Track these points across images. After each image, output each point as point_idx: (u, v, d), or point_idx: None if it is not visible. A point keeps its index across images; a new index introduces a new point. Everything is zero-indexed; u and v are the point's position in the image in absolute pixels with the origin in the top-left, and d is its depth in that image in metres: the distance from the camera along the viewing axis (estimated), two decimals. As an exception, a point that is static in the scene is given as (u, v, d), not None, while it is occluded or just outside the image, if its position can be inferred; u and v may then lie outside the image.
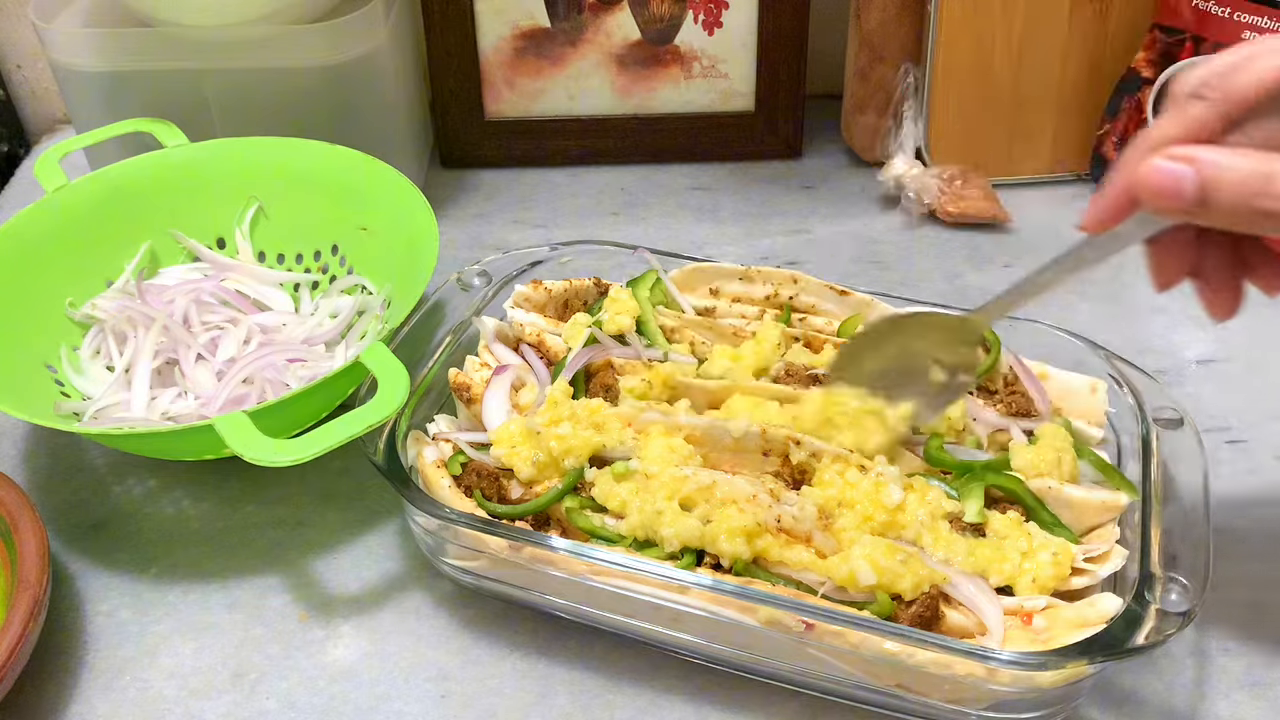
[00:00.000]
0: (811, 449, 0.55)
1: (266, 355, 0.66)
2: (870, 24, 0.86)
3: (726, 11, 0.89)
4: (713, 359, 0.61)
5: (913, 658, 0.47)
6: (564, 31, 0.90)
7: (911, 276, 0.81)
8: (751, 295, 0.66)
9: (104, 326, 0.70)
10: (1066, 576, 0.51)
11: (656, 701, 0.54)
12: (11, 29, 1.00)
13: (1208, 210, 0.40)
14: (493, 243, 0.86)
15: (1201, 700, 0.53)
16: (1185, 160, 0.40)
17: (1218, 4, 0.78)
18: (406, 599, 0.59)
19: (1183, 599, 0.47)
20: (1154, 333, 0.74)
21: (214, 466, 0.66)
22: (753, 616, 0.49)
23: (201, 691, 0.55)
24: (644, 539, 0.53)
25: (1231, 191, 0.39)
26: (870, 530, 0.52)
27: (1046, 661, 0.45)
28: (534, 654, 0.56)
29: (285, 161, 0.76)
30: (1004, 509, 0.54)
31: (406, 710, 0.54)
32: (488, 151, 0.94)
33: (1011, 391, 0.60)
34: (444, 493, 0.55)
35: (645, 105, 0.93)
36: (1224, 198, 0.39)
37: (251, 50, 0.77)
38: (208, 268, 0.75)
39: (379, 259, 0.72)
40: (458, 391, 0.61)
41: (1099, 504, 0.53)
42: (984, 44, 0.84)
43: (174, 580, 0.61)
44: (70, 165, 0.75)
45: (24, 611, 0.51)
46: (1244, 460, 0.65)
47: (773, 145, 0.94)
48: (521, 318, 0.65)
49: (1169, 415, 0.57)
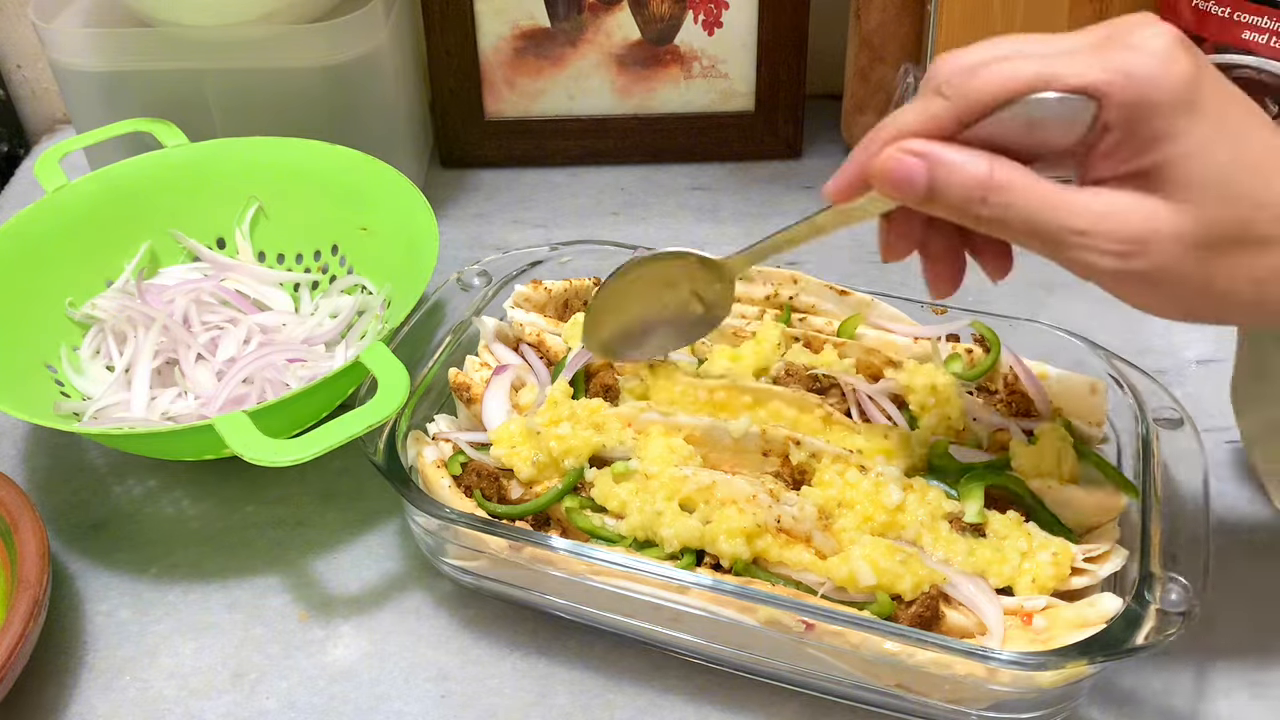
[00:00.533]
0: (811, 449, 0.55)
1: (266, 355, 0.66)
2: (870, 24, 0.86)
3: (726, 11, 0.89)
4: (712, 359, 0.61)
5: (913, 658, 0.47)
6: (564, 31, 0.90)
7: (911, 276, 0.80)
8: (751, 295, 0.66)
9: (104, 326, 0.70)
10: (1066, 576, 0.51)
11: (656, 701, 0.54)
12: (11, 29, 1.00)
13: (933, 205, 0.43)
14: (493, 243, 0.86)
15: (1201, 700, 0.53)
16: (918, 156, 0.42)
17: (1218, 4, 0.78)
18: (406, 599, 0.59)
19: (1183, 599, 0.47)
20: (1154, 333, 0.74)
21: (214, 466, 0.66)
22: (753, 616, 0.49)
23: (201, 691, 0.55)
24: (644, 539, 0.53)
25: (955, 193, 0.42)
26: (870, 530, 0.52)
27: (1046, 661, 0.45)
28: (534, 654, 0.56)
29: (285, 161, 0.76)
30: (1004, 509, 0.54)
31: (406, 710, 0.54)
32: (488, 151, 0.94)
33: (1011, 391, 0.60)
34: (444, 493, 0.55)
35: (645, 105, 0.93)
36: (948, 197, 0.42)
37: (251, 50, 0.77)
38: (208, 268, 0.75)
39: (379, 259, 0.72)
40: (458, 391, 0.61)
41: (1099, 504, 0.53)
42: (984, 44, 0.84)
43: (174, 580, 0.61)
44: (70, 165, 0.75)
45: (24, 611, 0.51)
46: (1244, 460, 0.65)
47: (773, 145, 0.94)
48: (521, 318, 0.65)
49: (1169, 415, 0.57)
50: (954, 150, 0.42)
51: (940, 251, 0.48)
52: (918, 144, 0.42)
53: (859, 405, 0.58)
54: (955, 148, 0.42)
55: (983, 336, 0.61)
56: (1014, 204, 0.41)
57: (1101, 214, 0.40)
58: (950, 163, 0.42)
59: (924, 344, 0.62)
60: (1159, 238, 0.40)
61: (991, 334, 0.61)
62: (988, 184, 0.41)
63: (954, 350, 0.61)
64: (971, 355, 0.61)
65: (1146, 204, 0.40)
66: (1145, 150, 0.40)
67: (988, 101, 0.41)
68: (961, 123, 0.42)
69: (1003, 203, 0.41)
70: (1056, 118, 0.40)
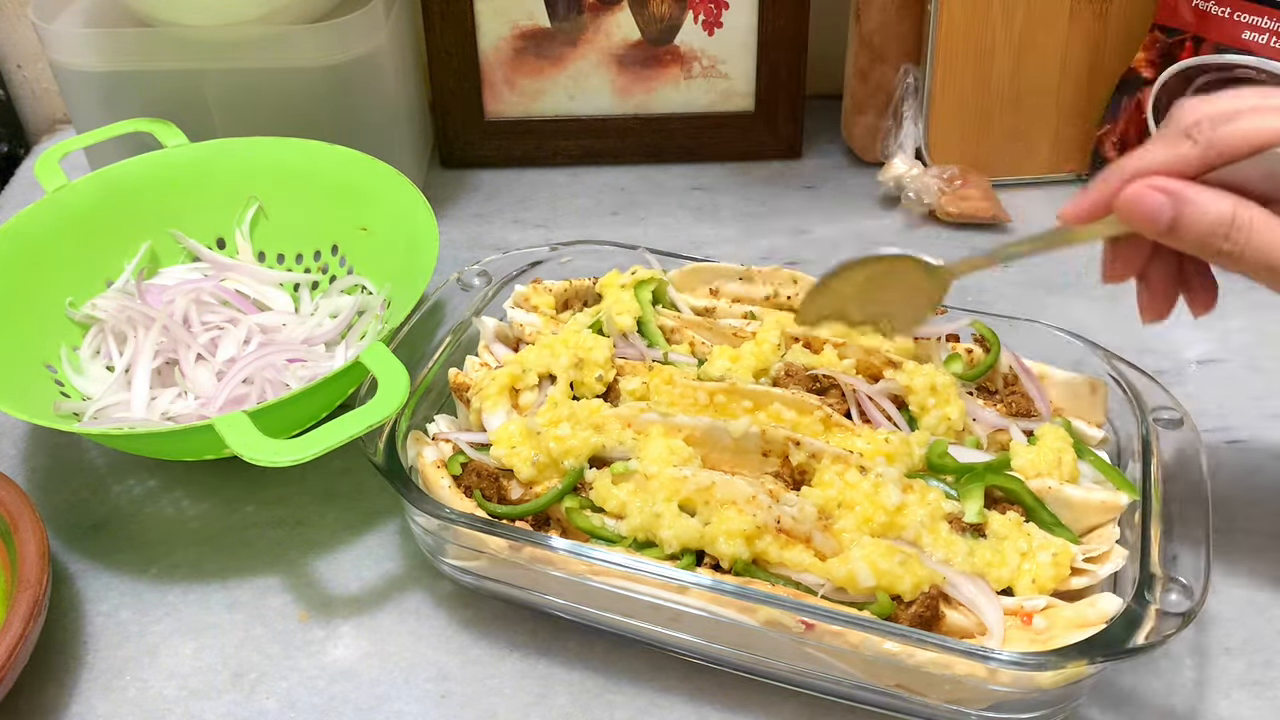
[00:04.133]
0: (811, 450, 0.55)
1: (266, 355, 0.66)
2: (870, 24, 0.86)
3: (726, 11, 0.89)
4: (712, 359, 0.61)
5: (913, 658, 0.47)
6: (564, 31, 0.90)
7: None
8: (751, 295, 0.66)
9: (104, 326, 0.70)
10: (1066, 577, 0.51)
11: (656, 701, 0.54)
12: (11, 29, 1.00)
13: (1174, 238, 0.46)
14: (493, 243, 0.86)
15: (1201, 700, 0.53)
16: (1166, 193, 0.45)
17: (1218, 4, 0.78)
18: (406, 599, 0.59)
19: (1183, 599, 0.47)
20: (1154, 333, 0.74)
21: (214, 466, 0.66)
22: (752, 617, 0.49)
23: (201, 691, 0.55)
24: (644, 540, 0.53)
25: (1198, 230, 0.45)
26: (870, 531, 0.52)
27: (1046, 661, 0.45)
28: (534, 654, 0.56)
29: (285, 161, 0.76)
30: (1004, 509, 0.54)
31: (406, 710, 0.54)
32: (488, 151, 0.94)
33: (1011, 391, 0.60)
34: (444, 493, 0.55)
35: (645, 105, 0.93)
36: (1190, 233, 0.46)
37: (251, 50, 0.77)
38: (208, 268, 0.75)
39: (379, 259, 0.72)
40: (458, 391, 0.61)
41: (1099, 504, 0.53)
42: (984, 44, 0.84)
43: (174, 580, 0.61)
44: (70, 165, 0.75)
45: (24, 611, 0.51)
46: (1244, 460, 0.65)
47: (773, 145, 0.94)
48: (521, 318, 0.65)
49: (1169, 415, 0.57)
50: (1198, 190, 0.45)
51: (1158, 281, 0.52)
52: (1164, 181, 0.46)
53: (859, 405, 0.58)
54: (1200, 187, 0.45)
55: (983, 336, 0.61)
56: (1253, 243, 0.45)
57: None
58: (1196, 202, 0.45)
59: (924, 344, 0.62)
60: None
61: (991, 334, 0.61)
62: (1230, 223, 0.45)
63: (954, 350, 0.61)
64: (971, 355, 0.61)
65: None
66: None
67: (1236, 151, 0.45)
68: (1208, 166, 0.45)
69: (1242, 240, 0.45)
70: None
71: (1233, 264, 0.46)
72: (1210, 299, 0.52)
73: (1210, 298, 0.52)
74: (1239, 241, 0.45)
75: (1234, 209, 0.45)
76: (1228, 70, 0.79)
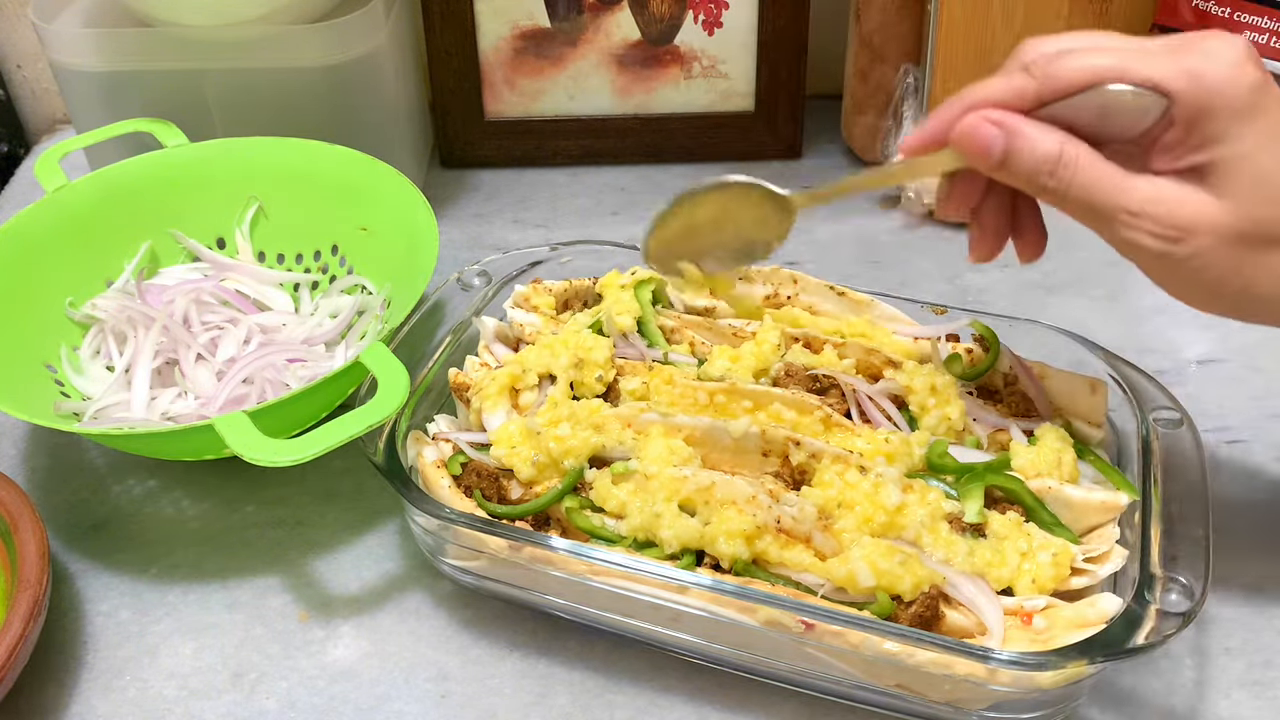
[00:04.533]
0: (811, 449, 0.55)
1: (266, 355, 0.66)
2: (870, 24, 0.86)
3: (726, 11, 0.89)
4: (712, 360, 0.61)
5: (913, 658, 0.47)
6: (564, 31, 0.90)
7: (911, 276, 0.81)
8: (752, 295, 0.66)
9: (104, 326, 0.70)
10: (1066, 577, 0.51)
11: (656, 701, 0.54)
12: (11, 29, 1.00)
13: (1004, 171, 0.47)
14: (493, 243, 0.86)
15: (1201, 700, 0.53)
16: (999, 126, 0.46)
17: (1218, 4, 0.78)
18: (406, 599, 0.59)
19: (1183, 599, 0.47)
20: (1154, 333, 0.74)
21: (214, 466, 0.66)
22: (752, 617, 0.49)
23: (201, 691, 0.55)
24: (644, 540, 0.53)
25: (1027, 164, 0.46)
26: (870, 531, 0.52)
27: (1046, 661, 0.45)
28: (534, 654, 0.56)
29: (285, 161, 0.76)
30: (1004, 509, 0.54)
31: (406, 710, 0.54)
32: (488, 151, 0.94)
33: (1011, 391, 0.60)
34: (444, 493, 0.55)
35: (645, 105, 0.93)
36: (1020, 167, 0.46)
37: (251, 50, 0.77)
38: (208, 268, 0.75)
39: (379, 259, 0.72)
40: (458, 391, 0.61)
41: (1099, 504, 0.53)
42: (984, 44, 0.84)
43: (174, 580, 0.61)
44: (70, 165, 0.75)
45: (24, 611, 0.51)
46: (1244, 460, 0.65)
47: (773, 145, 0.94)
48: (521, 318, 0.65)
49: (1169, 415, 0.57)
50: (1031, 124, 0.46)
51: (990, 220, 0.52)
52: (999, 114, 0.46)
53: (859, 405, 0.58)
54: (1032, 122, 0.46)
55: (983, 336, 0.61)
56: (1076, 180, 0.45)
57: (1154, 199, 0.45)
58: (1026, 135, 0.45)
59: (924, 344, 0.62)
60: (1201, 228, 0.44)
61: (991, 334, 0.61)
62: (1057, 159, 0.45)
63: (954, 350, 0.61)
64: (971, 355, 0.61)
65: (1195, 196, 0.44)
66: (1202, 148, 0.44)
67: (1069, 85, 0.45)
68: (1041, 101, 0.46)
69: (1067, 177, 0.45)
70: (1128, 109, 0.45)
71: (1058, 201, 0.46)
72: (1038, 247, 0.53)
73: (1038, 246, 0.53)
74: (1064, 179, 0.45)
75: (1061, 145, 0.45)
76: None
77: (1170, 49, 0.45)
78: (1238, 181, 0.44)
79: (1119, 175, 0.45)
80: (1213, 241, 0.44)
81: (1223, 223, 0.44)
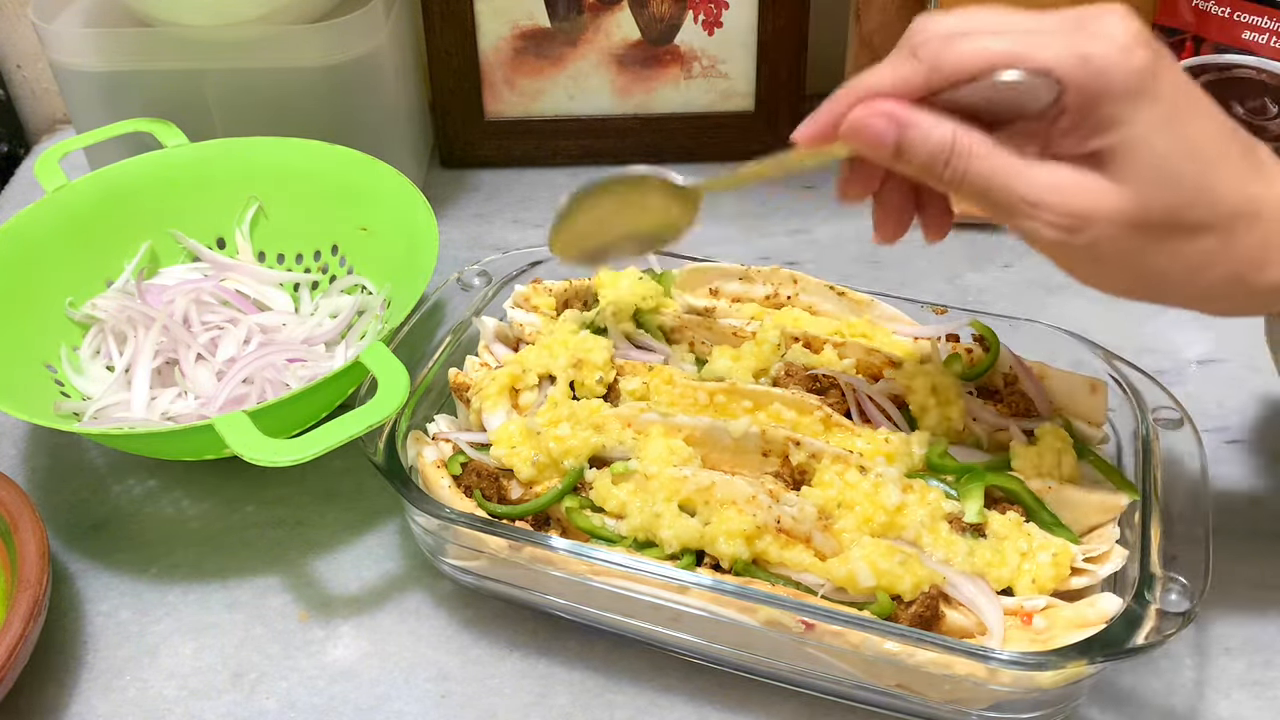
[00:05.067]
0: (811, 450, 0.55)
1: (266, 355, 0.66)
2: (870, 24, 0.86)
3: (726, 11, 0.89)
4: (712, 360, 0.61)
5: (913, 658, 0.47)
6: (564, 31, 0.90)
7: (911, 276, 0.81)
8: (751, 295, 0.66)
9: (104, 326, 0.70)
10: (1066, 577, 0.51)
11: (656, 701, 0.54)
12: (11, 29, 1.00)
13: (899, 162, 0.45)
14: (493, 243, 0.86)
15: (1201, 700, 0.53)
16: (888, 118, 0.44)
17: (1218, 4, 0.78)
18: (406, 599, 0.59)
19: (1183, 599, 0.47)
20: (1154, 333, 0.74)
21: (214, 466, 0.66)
22: (753, 617, 0.49)
23: (201, 691, 0.55)
24: (644, 540, 0.53)
25: (921, 155, 0.44)
26: (870, 531, 0.52)
27: (1046, 661, 0.45)
28: (534, 654, 0.56)
29: (285, 161, 0.76)
30: (1004, 509, 0.54)
31: (406, 710, 0.54)
32: (488, 151, 0.94)
33: (1011, 391, 0.60)
34: (444, 493, 0.55)
35: (645, 105, 0.93)
36: (914, 157, 0.44)
37: (251, 50, 0.77)
38: (208, 268, 0.75)
39: (379, 259, 0.72)
40: (458, 391, 0.61)
41: (1099, 504, 0.53)
42: (984, 44, 0.84)
43: (174, 580, 0.61)
44: (70, 165, 0.75)
45: (24, 611, 0.51)
46: (1244, 460, 0.65)
47: (773, 145, 0.93)
48: (521, 318, 0.65)
49: (1169, 415, 0.57)
50: (921, 114, 0.44)
51: (892, 201, 0.51)
52: (888, 106, 0.44)
53: (859, 405, 0.58)
54: (923, 112, 0.44)
55: (983, 336, 0.61)
56: (972, 170, 0.43)
57: (1051, 187, 0.43)
58: (917, 126, 0.44)
59: (924, 344, 0.62)
60: (1100, 216, 0.42)
61: (991, 334, 0.61)
62: (950, 149, 0.43)
63: (954, 350, 0.61)
64: (971, 355, 0.61)
65: (1093, 183, 0.43)
66: (1098, 133, 0.42)
67: (957, 73, 0.43)
68: (931, 89, 0.44)
69: (962, 168, 0.44)
70: (1020, 95, 0.43)
71: (955, 190, 0.45)
72: (943, 227, 0.51)
73: (943, 226, 0.51)
74: (958, 168, 0.44)
75: (954, 135, 0.43)
76: (1228, 70, 0.79)
77: (1065, 29, 0.42)
78: (1134, 167, 0.42)
79: (1017, 164, 0.43)
80: (1112, 230, 0.42)
81: (1121, 210, 0.42)
